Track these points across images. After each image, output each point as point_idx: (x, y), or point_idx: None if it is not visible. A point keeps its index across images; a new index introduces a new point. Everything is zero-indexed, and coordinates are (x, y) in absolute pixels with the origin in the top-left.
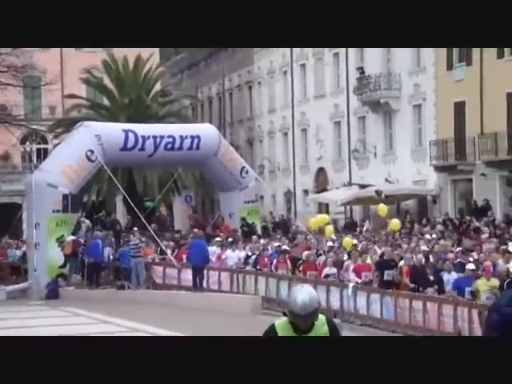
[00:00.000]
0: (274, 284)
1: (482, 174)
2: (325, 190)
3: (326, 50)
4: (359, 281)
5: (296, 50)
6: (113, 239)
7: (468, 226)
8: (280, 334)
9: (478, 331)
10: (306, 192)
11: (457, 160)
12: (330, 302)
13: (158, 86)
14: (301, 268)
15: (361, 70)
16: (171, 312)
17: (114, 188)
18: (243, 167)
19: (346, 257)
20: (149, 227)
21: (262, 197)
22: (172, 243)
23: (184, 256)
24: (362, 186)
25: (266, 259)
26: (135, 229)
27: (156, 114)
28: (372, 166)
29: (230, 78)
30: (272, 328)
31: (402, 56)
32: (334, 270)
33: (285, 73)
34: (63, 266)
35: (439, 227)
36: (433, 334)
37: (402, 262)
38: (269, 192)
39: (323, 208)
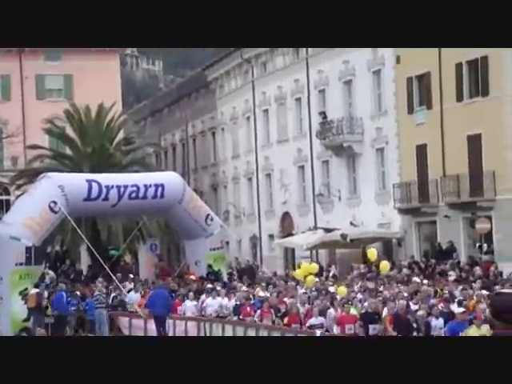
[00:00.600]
0: (241, 332)
1: (446, 216)
2: (290, 234)
3: (289, 95)
4: (335, 333)
5: (258, 96)
6: (78, 292)
7: (434, 269)
8: None
9: None
10: (271, 237)
11: (420, 202)
12: None
13: (121, 134)
14: (285, 320)
15: (323, 114)
16: None
17: (78, 237)
18: (208, 214)
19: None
20: (113, 276)
21: (227, 242)
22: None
23: None
24: (328, 230)
25: (248, 308)
26: (99, 279)
27: (119, 163)
28: (337, 210)
29: (193, 125)
30: None
31: (364, 100)
32: (321, 319)
33: (248, 118)
34: (27, 320)
35: (405, 270)
36: None
37: (385, 310)
38: (234, 238)
39: (289, 253)
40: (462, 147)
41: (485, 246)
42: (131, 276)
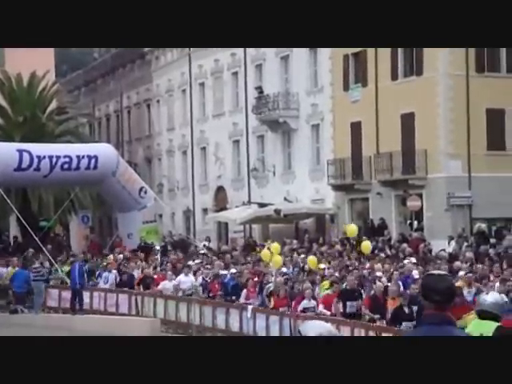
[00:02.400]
0: (172, 306)
1: (378, 193)
2: (224, 208)
3: (225, 69)
4: (328, 313)
5: (195, 69)
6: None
7: None
8: None
9: None
10: (205, 211)
11: (353, 179)
12: (229, 324)
13: (53, 104)
14: (272, 301)
15: (259, 89)
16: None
17: (7, 207)
18: (142, 187)
19: (308, 284)
20: (43, 248)
21: (160, 215)
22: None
23: None
24: (261, 205)
25: (217, 286)
26: (30, 250)
27: (52, 133)
28: (271, 185)
29: (128, 96)
30: None
31: (300, 76)
32: (314, 302)
33: (183, 91)
34: None
35: (338, 247)
36: None
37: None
38: (168, 211)
39: (222, 227)
40: (396, 125)
41: (415, 223)
42: None
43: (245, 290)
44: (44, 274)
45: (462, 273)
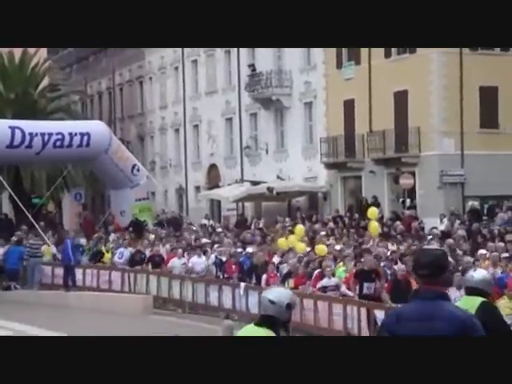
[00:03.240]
0: (165, 283)
1: (371, 172)
2: (217, 186)
3: None
4: (351, 294)
5: None
6: None
7: (358, 224)
8: None
9: (365, 329)
10: (197, 188)
11: (346, 157)
12: (221, 301)
13: (45, 81)
14: (291, 282)
15: (252, 67)
16: (60, 312)
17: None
18: (134, 165)
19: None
20: (36, 225)
21: (153, 193)
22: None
23: None
24: (254, 183)
25: (233, 267)
26: (24, 227)
27: (44, 110)
28: (264, 163)
29: (120, 73)
30: None
31: (293, 53)
32: (334, 280)
33: (176, 68)
34: None
35: (331, 225)
36: (323, 332)
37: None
38: (160, 189)
39: (215, 205)
40: (389, 103)
41: (408, 201)
42: None
43: (265, 275)
44: (39, 250)
45: (482, 251)
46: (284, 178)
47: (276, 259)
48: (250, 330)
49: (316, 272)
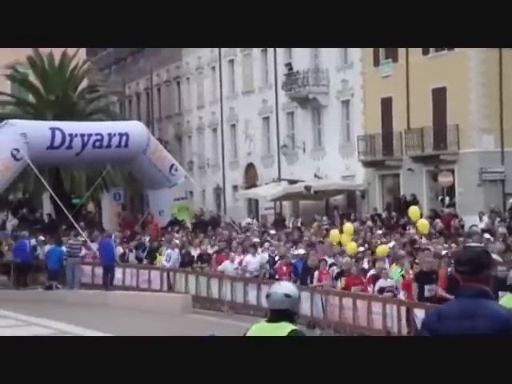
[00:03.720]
0: (204, 282)
1: (409, 169)
2: (254, 185)
3: None
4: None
5: None
6: (41, 237)
7: (396, 222)
8: None
9: (405, 328)
10: (235, 188)
11: (384, 155)
12: (260, 300)
13: (84, 83)
14: (343, 281)
15: (289, 65)
16: (100, 312)
17: (41, 186)
18: (172, 164)
19: (366, 265)
20: (76, 225)
21: (191, 193)
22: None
23: None
24: (292, 182)
25: (285, 268)
26: (63, 227)
27: (83, 111)
28: (301, 162)
29: (157, 74)
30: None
31: (330, 52)
32: (391, 282)
33: (213, 68)
34: None
35: (369, 223)
36: (362, 331)
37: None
38: (198, 188)
39: (253, 204)
40: (427, 100)
41: (447, 199)
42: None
43: (317, 272)
44: (79, 250)
45: None
46: (321, 176)
47: (329, 259)
48: (269, 327)
49: (370, 273)
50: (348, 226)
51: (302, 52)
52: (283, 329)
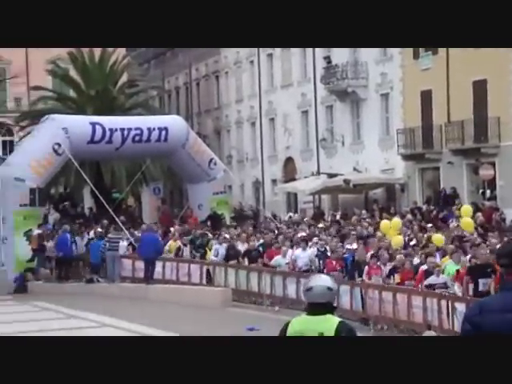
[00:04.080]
0: (244, 276)
1: (449, 162)
2: (293, 179)
3: None
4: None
5: None
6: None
7: (436, 215)
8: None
9: (446, 322)
10: (274, 181)
11: (424, 148)
12: (299, 294)
13: (124, 77)
14: (397, 277)
15: (328, 59)
16: (141, 305)
17: (82, 180)
18: (211, 159)
19: (416, 260)
20: (116, 219)
21: (230, 187)
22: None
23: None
24: (331, 175)
25: (334, 262)
26: (105, 221)
27: (123, 106)
28: (340, 155)
29: (196, 68)
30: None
31: None
32: (444, 278)
33: (251, 62)
34: (31, 260)
35: (409, 216)
36: (403, 324)
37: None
38: (237, 182)
39: (292, 197)
40: (468, 93)
41: (488, 192)
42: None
43: (366, 267)
44: (118, 244)
45: None
46: (361, 169)
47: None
48: (314, 319)
49: (422, 268)
50: (395, 221)
51: None
52: (330, 321)
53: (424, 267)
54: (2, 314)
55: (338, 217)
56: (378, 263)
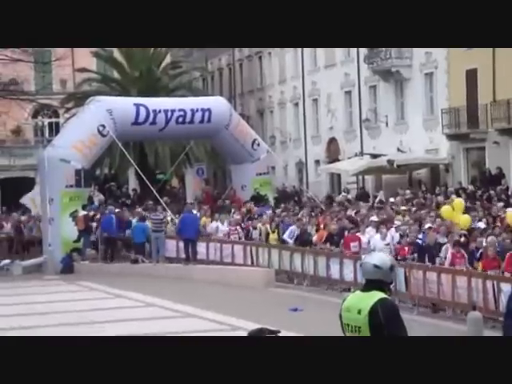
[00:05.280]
0: (287, 256)
1: (495, 142)
2: (336, 160)
3: None
4: None
5: None
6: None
7: (482, 195)
8: None
9: (491, 303)
10: (317, 162)
11: (469, 128)
12: (343, 274)
13: (167, 59)
14: (480, 264)
15: None
16: (185, 286)
17: (126, 161)
18: (255, 140)
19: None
20: (161, 200)
21: (273, 168)
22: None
23: None
24: (374, 156)
25: (406, 248)
26: (150, 202)
27: (166, 87)
28: (383, 136)
29: (239, 49)
30: None
31: None
32: None
33: None
34: (77, 241)
35: (453, 197)
36: (447, 305)
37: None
38: (280, 163)
39: (335, 178)
40: None
41: None
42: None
43: (449, 254)
44: (161, 225)
45: None
46: (404, 150)
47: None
48: (361, 296)
49: (509, 254)
50: (457, 202)
51: None
52: (372, 298)
53: None
54: (50, 293)
55: (380, 197)
56: (462, 251)
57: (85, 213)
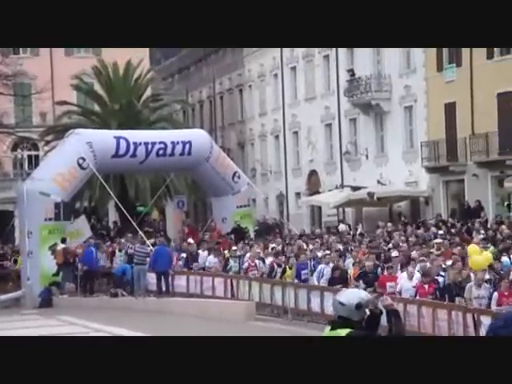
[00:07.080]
0: (267, 289)
1: (474, 175)
2: (317, 192)
3: (316, 52)
4: None
5: (286, 53)
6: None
7: (461, 228)
8: None
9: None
10: (298, 195)
11: (448, 161)
12: (324, 307)
13: (148, 91)
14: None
15: (351, 71)
16: (165, 319)
17: (106, 194)
18: (235, 172)
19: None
20: (141, 232)
21: (254, 200)
22: None
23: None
24: (355, 188)
25: (426, 287)
26: (129, 235)
27: (147, 120)
28: (364, 168)
29: (220, 82)
30: None
31: (392, 57)
32: None
33: (275, 75)
34: (56, 274)
35: (433, 229)
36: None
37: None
38: (261, 196)
39: (316, 211)
40: (492, 105)
41: None
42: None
43: (495, 294)
44: (145, 258)
45: None
46: (385, 182)
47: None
48: (328, 334)
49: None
50: (472, 248)
51: (364, 58)
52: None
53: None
54: (28, 328)
55: (359, 230)
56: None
57: (64, 246)
